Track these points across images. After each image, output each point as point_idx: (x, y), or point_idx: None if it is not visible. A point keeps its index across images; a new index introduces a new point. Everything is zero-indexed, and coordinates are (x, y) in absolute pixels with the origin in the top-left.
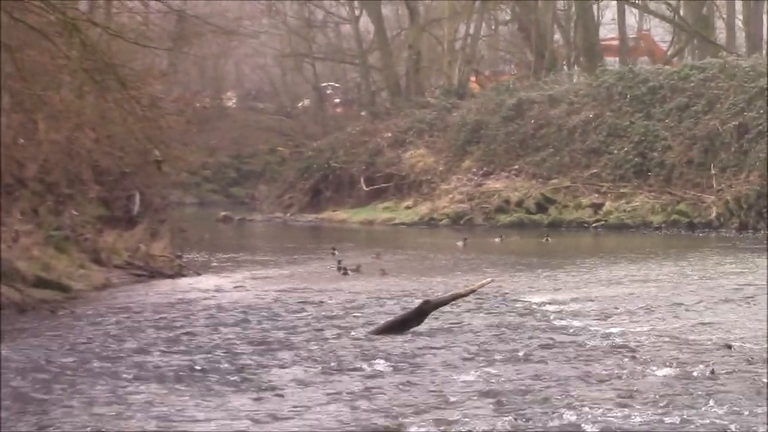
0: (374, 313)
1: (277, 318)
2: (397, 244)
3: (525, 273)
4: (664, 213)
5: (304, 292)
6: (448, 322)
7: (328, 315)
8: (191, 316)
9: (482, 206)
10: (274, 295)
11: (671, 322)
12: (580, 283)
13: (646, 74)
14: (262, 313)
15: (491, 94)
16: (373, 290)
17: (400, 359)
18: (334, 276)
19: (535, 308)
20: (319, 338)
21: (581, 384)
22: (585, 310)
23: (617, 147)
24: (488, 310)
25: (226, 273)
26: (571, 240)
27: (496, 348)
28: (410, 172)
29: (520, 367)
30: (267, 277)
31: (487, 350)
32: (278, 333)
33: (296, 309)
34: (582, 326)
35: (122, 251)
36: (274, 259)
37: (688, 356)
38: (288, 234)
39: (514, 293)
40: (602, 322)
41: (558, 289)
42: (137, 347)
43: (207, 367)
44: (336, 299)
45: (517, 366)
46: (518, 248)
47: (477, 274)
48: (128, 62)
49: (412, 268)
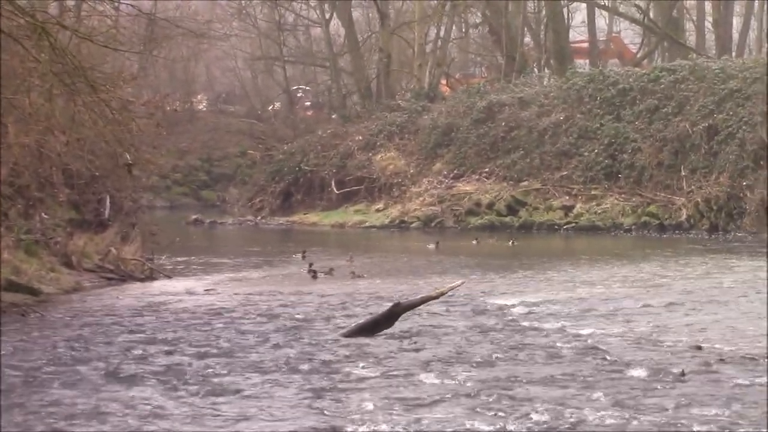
0: (345, 316)
1: (247, 321)
2: (368, 247)
3: (496, 275)
4: (635, 215)
5: (275, 295)
6: (418, 324)
7: (298, 317)
8: (161, 320)
9: (453, 209)
10: (244, 298)
11: (642, 323)
12: (550, 285)
13: (616, 76)
14: (232, 316)
15: (462, 97)
16: (344, 293)
17: (370, 362)
18: (306, 279)
19: (505, 310)
20: (289, 340)
21: (552, 386)
22: (556, 312)
23: (587, 149)
24: (459, 312)
25: (197, 276)
26: (542, 242)
27: (466, 350)
28: (381, 174)
29: (491, 369)
30: (238, 280)
31: (457, 352)
32: (247, 336)
33: (266, 312)
34: (553, 328)
35: (93, 255)
36: (245, 263)
37: (659, 357)
38: (259, 237)
39: (485, 295)
40: (573, 324)
41: (529, 291)
42: (105, 351)
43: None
44: (307, 302)
45: (487, 368)
46: (491, 250)
47: (449, 277)
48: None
49: (383, 270)
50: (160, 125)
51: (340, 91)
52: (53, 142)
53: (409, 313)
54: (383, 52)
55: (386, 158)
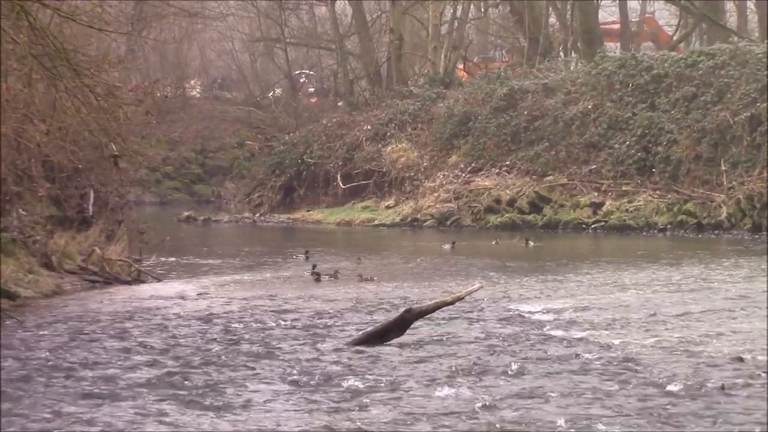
0: (351, 323)
1: (245, 328)
2: (377, 247)
3: (518, 279)
4: (670, 213)
5: (275, 300)
6: (432, 332)
7: (300, 325)
8: (149, 327)
9: (470, 206)
10: (241, 303)
11: (678, 332)
12: (577, 289)
13: (650, 61)
14: (227, 322)
15: (480, 83)
16: (350, 298)
17: (379, 373)
18: (308, 282)
19: (528, 317)
20: (291, 350)
21: (579, 401)
22: (583, 320)
23: (618, 141)
24: (477, 319)
25: (189, 279)
26: (568, 243)
27: (485, 361)
28: (391, 168)
29: (513, 382)
30: (234, 284)
31: (475, 364)
32: (246, 345)
33: (266, 318)
34: (580, 337)
35: (75, 255)
36: (242, 264)
37: (696, 370)
38: (257, 236)
39: (506, 301)
40: (602, 333)
41: (554, 296)
42: (87, 360)
43: (165, 383)
44: (310, 307)
45: (509, 381)
46: (512, 252)
47: (465, 280)
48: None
49: (393, 273)
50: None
51: (347, 77)
52: (32, 132)
53: (422, 320)
54: (394, 33)
55: (397, 150)
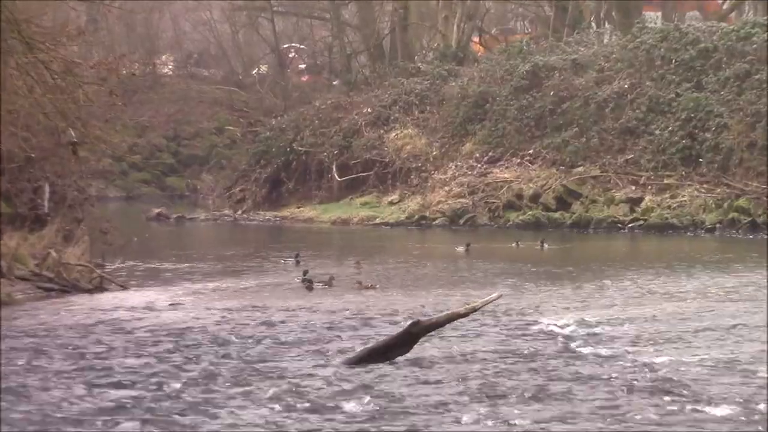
0: (349, 338)
1: (225, 345)
2: (379, 250)
3: (543, 287)
4: (720, 210)
5: (260, 311)
6: (444, 349)
7: (289, 341)
8: (112, 343)
9: (487, 201)
10: (220, 315)
11: (729, 348)
12: (611, 299)
13: (696, 33)
14: (203, 337)
15: (499, 59)
16: (348, 309)
17: (381, 397)
18: (299, 291)
19: (555, 331)
20: (279, 370)
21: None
22: (619, 335)
23: (659, 126)
24: (496, 333)
25: (161, 287)
26: (601, 244)
27: (506, 383)
28: (396, 157)
29: (537, 408)
30: (212, 292)
31: (494, 386)
32: (225, 365)
33: (249, 333)
34: (616, 355)
35: (27, 259)
36: (222, 269)
37: (749, 392)
38: (240, 237)
39: (529, 312)
40: (640, 350)
41: (584, 307)
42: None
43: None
44: (301, 320)
45: (533, 407)
46: (536, 255)
47: (482, 288)
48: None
49: (398, 280)
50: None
51: (344, 51)
52: None
53: (432, 334)
54: (399, 1)
55: (402, 137)
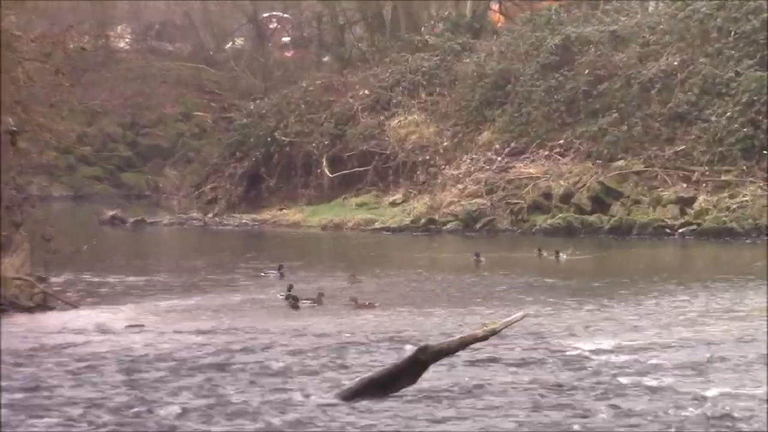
0: (343, 367)
1: (194, 375)
2: (378, 260)
3: (575, 305)
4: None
5: (235, 335)
6: (457, 379)
7: (271, 370)
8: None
9: (509, 202)
10: (188, 339)
11: None
12: (657, 320)
13: (760, 0)
14: (167, 366)
15: (523, 30)
16: (341, 331)
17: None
18: (283, 309)
19: (590, 358)
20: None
21: None
22: (666, 362)
23: (716, 111)
24: (520, 361)
25: (116, 305)
26: (645, 253)
27: (535, 421)
28: (399, 149)
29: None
30: (178, 312)
31: (521, 424)
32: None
33: (221, 361)
34: (661, 386)
35: None
36: (190, 284)
37: None
38: (211, 245)
39: (559, 335)
40: (692, 381)
41: (625, 329)
42: None
43: None
44: (285, 345)
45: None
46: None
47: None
48: None
49: (401, 296)
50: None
51: (336, 21)
52: None
53: (443, 362)
54: None
55: (406, 124)
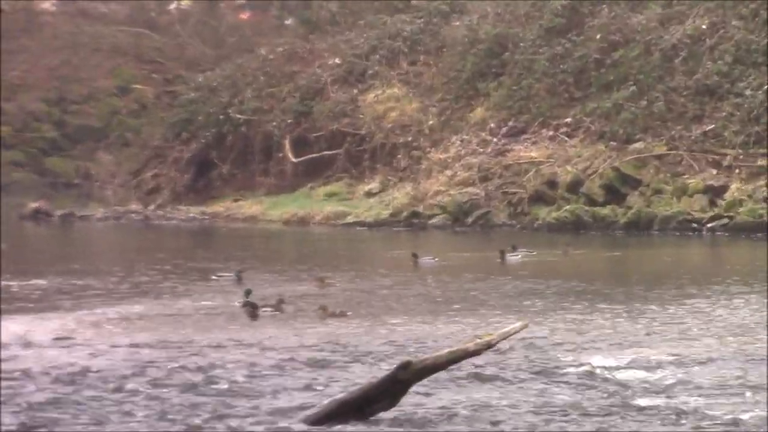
0: (309, 386)
1: (133, 397)
2: (351, 261)
3: (583, 313)
4: None
5: (182, 349)
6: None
7: (224, 390)
8: None
9: (507, 192)
10: (126, 354)
11: None
12: (679, 331)
13: None
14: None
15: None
16: (307, 344)
17: None
18: (239, 318)
19: (604, 376)
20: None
21: None
22: (689, 380)
23: (751, 84)
24: (520, 379)
25: (41, 314)
26: (667, 252)
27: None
28: (375, 129)
29: None
30: (115, 322)
31: None
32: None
33: (166, 380)
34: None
35: None
36: (129, 289)
37: None
38: (153, 242)
39: (564, 349)
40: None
41: (642, 342)
42: None
43: None
44: (240, 361)
45: None
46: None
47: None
48: None
49: (377, 303)
50: None
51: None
52: None
53: (428, 380)
54: None
55: (385, 99)
